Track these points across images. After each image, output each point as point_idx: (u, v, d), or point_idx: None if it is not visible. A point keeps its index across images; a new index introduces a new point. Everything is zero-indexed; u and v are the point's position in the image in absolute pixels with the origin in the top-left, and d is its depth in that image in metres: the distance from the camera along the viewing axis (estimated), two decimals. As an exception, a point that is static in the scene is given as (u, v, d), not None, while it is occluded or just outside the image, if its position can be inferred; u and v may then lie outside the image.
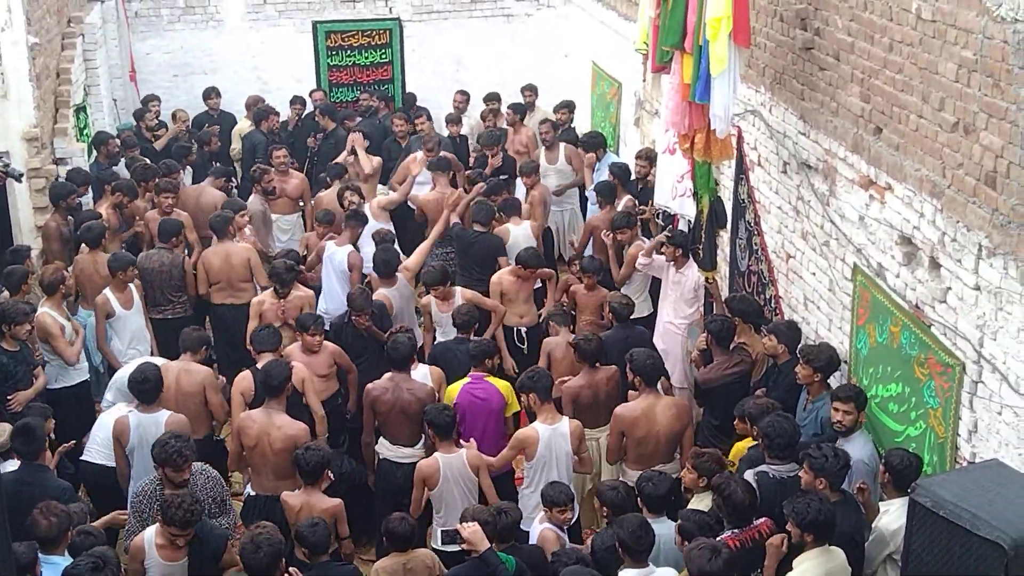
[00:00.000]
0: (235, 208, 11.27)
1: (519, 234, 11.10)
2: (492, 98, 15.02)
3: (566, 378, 8.67)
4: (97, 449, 8.42)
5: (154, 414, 8.09)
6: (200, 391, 8.66)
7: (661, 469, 7.63)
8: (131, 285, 9.97)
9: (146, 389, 8.09)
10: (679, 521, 6.40)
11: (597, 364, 8.62)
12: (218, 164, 13.70)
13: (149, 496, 7.36)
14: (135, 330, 9.92)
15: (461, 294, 9.95)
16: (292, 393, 8.32)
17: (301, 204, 12.88)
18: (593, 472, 8.32)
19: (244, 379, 8.65)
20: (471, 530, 6.33)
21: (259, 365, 8.59)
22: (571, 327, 9.83)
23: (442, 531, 7.47)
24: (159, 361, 8.86)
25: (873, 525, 6.67)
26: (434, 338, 9.98)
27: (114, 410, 8.46)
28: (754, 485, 6.85)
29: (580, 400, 8.52)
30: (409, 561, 6.87)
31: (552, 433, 7.85)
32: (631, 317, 9.52)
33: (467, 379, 8.50)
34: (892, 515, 6.56)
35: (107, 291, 9.81)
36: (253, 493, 8.14)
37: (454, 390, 8.50)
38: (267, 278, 10.54)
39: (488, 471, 7.92)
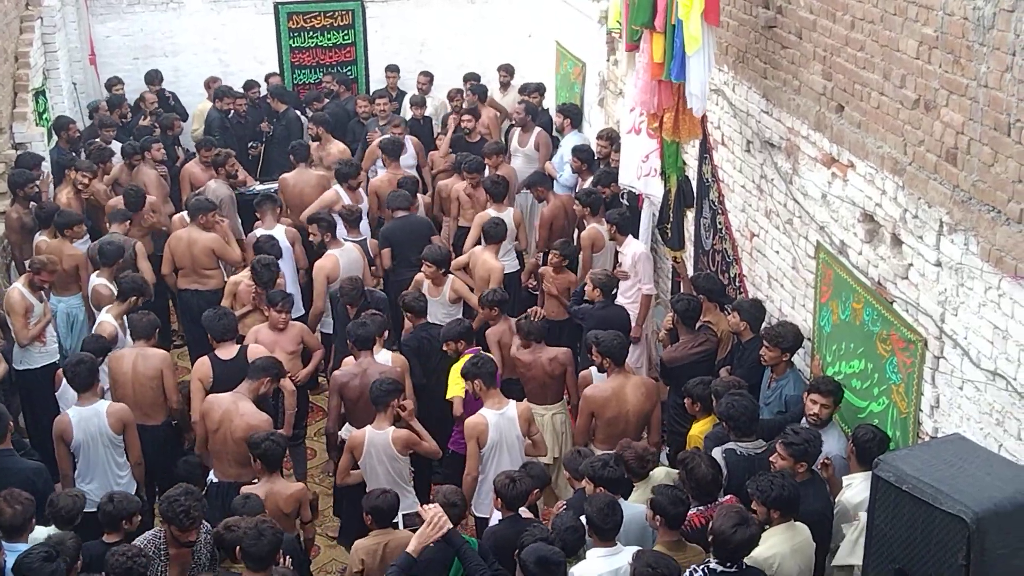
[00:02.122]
0: (209, 209, 11.08)
1: (506, 220, 10.99)
2: (471, 78, 14.97)
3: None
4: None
5: (93, 405, 7.98)
6: (158, 375, 8.57)
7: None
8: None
9: (79, 373, 7.94)
10: (652, 496, 6.42)
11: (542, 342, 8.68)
12: (183, 147, 13.64)
13: (152, 551, 6.50)
14: None
15: (452, 284, 9.88)
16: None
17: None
18: (545, 453, 8.30)
19: (203, 364, 8.61)
20: (433, 512, 6.29)
21: (217, 351, 8.56)
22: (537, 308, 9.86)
23: (403, 515, 7.43)
24: (121, 350, 8.77)
25: (836, 499, 6.72)
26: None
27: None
28: (722, 463, 6.89)
29: (524, 378, 8.58)
30: (390, 542, 6.83)
31: (500, 418, 7.84)
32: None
33: (469, 355, 8.44)
34: (855, 488, 6.62)
35: (110, 317, 9.33)
36: (216, 480, 8.06)
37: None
38: (237, 259, 10.61)
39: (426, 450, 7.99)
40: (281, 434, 7.58)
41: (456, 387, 8.40)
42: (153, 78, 14.95)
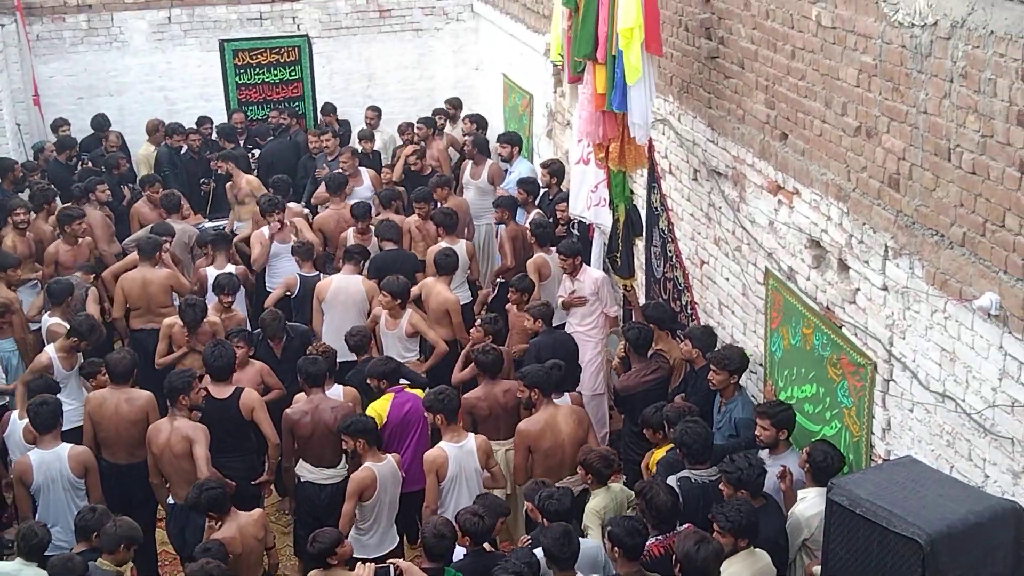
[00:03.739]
0: (163, 232, 11.07)
1: (458, 252, 10.93)
2: (448, 104, 15.08)
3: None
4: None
5: (55, 448, 7.92)
6: (143, 417, 8.48)
7: (569, 480, 7.67)
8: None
9: (41, 413, 7.89)
10: (608, 527, 6.41)
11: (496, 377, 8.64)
12: (129, 186, 13.54)
13: None
14: (72, 390, 9.36)
15: (409, 318, 9.81)
16: (240, 419, 8.39)
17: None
18: (504, 486, 8.28)
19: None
20: (406, 567, 6.22)
21: (211, 388, 8.51)
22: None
23: (377, 569, 7.33)
24: (100, 393, 8.66)
25: (789, 512, 6.76)
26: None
27: (15, 416, 8.49)
28: (677, 491, 6.91)
29: (477, 412, 8.50)
30: None
31: (459, 451, 7.82)
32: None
33: (391, 394, 8.43)
34: (808, 502, 6.65)
35: (51, 350, 9.25)
36: (172, 502, 8.08)
37: (383, 405, 8.42)
38: (189, 290, 10.61)
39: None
40: (215, 481, 7.46)
41: None
42: (101, 124, 14.80)
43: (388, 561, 6.32)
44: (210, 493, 7.16)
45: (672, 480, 7.03)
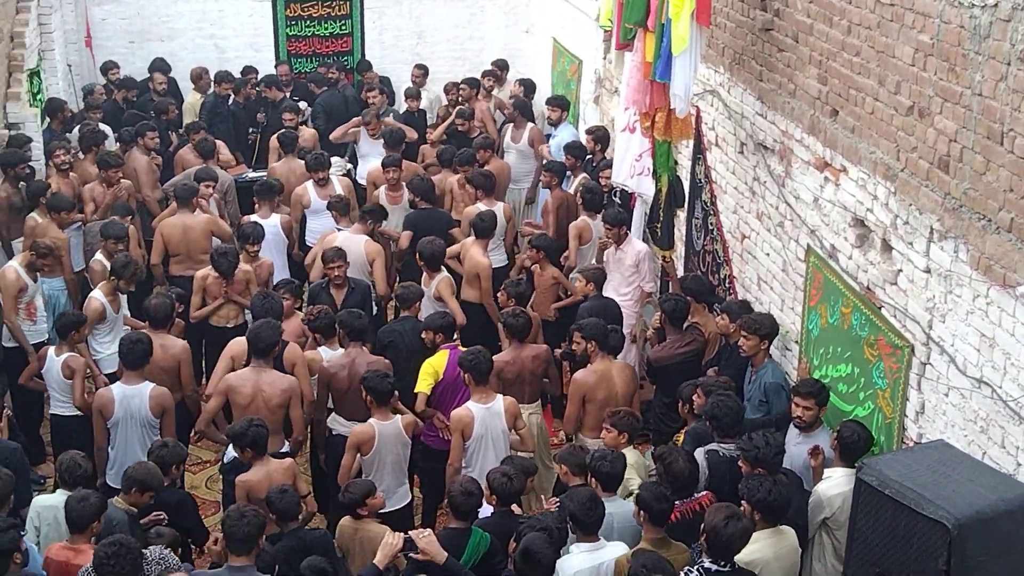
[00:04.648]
0: (204, 178, 11.15)
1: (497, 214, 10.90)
2: (496, 66, 14.97)
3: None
4: (57, 399, 8.60)
5: (138, 386, 8.02)
6: (176, 365, 8.58)
7: None
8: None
9: (138, 353, 8.00)
10: (638, 492, 6.44)
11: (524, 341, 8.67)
12: (175, 133, 13.62)
13: None
14: (119, 332, 9.46)
15: (438, 283, 9.78)
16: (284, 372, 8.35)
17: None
18: (532, 448, 8.32)
19: (239, 344, 8.55)
20: (427, 540, 6.23)
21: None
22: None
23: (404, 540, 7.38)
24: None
25: (814, 488, 6.77)
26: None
27: (52, 352, 8.58)
28: (704, 464, 6.92)
29: (505, 375, 8.52)
30: (369, 531, 6.85)
31: (486, 412, 7.86)
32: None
33: (446, 351, 8.45)
34: (833, 481, 6.66)
35: (100, 294, 9.35)
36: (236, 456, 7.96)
37: (439, 361, 8.44)
38: (230, 235, 10.70)
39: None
40: (261, 420, 7.50)
41: (423, 382, 8.39)
42: (162, 68, 14.89)
43: (410, 532, 6.34)
44: (258, 430, 7.27)
45: (700, 452, 7.05)
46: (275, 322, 8.37)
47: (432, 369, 8.37)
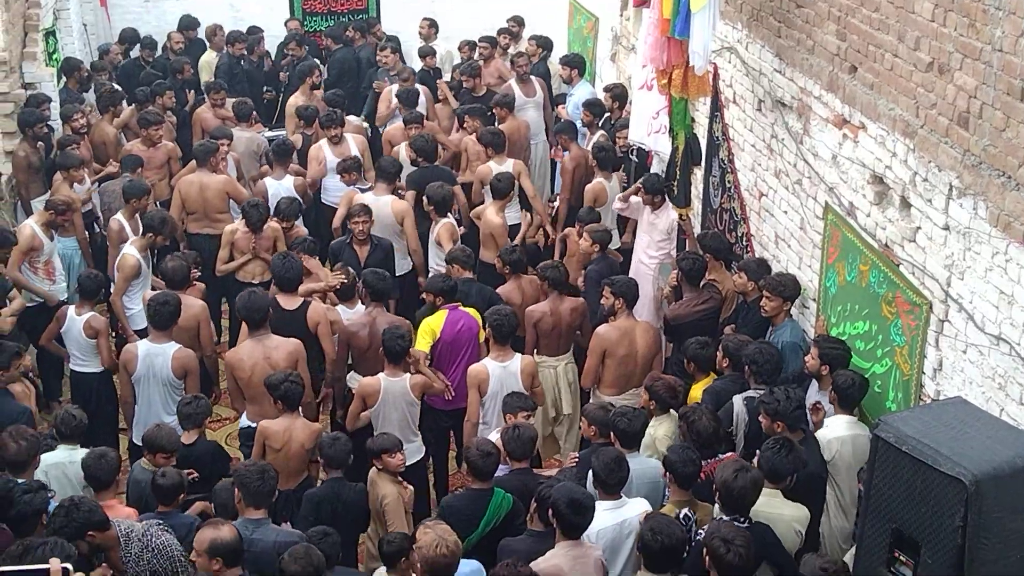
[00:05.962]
0: (220, 136, 11.16)
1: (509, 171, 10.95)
2: (512, 22, 14.89)
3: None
4: (77, 357, 8.73)
5: (163, 344, 8.10)
6: (195, 325, 8.65)
7: (633, 392, 7.74)
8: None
9: (166, 315, 8.07)
10: (667, 454, 6.48)
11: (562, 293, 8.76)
12: (192, 92, 13.62)
13: None
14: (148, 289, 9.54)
15: (440, 227, 9.90)
16: (306, 332, 8.42)
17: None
18: (545, 402, 8.41)
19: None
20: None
21: (280, 299, 8.57)
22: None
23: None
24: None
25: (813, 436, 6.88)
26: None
27: (73, 312, 8.67)
28: (744, 411, 7.01)
29: (541, 326, 8.60)
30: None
31: (502, 371, 7.95)
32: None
33: (445, 311, 8.50)
34: (830, 426, 6.83)
35: (134, 250, 9.43)
36: (252, 424, 7.98)
37: (437, 321, 8.49)
38: (246, 199, 10.64)
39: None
40: (298, 375, 7.62)
41: (421, 341, 8.43)
42: (190, 25, 14.85)
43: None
44: (293, 386, 7.36)
45: (738, 399, 7.13)
46: (261, 290, 8.49)
47: (430, 328, 8.44)
